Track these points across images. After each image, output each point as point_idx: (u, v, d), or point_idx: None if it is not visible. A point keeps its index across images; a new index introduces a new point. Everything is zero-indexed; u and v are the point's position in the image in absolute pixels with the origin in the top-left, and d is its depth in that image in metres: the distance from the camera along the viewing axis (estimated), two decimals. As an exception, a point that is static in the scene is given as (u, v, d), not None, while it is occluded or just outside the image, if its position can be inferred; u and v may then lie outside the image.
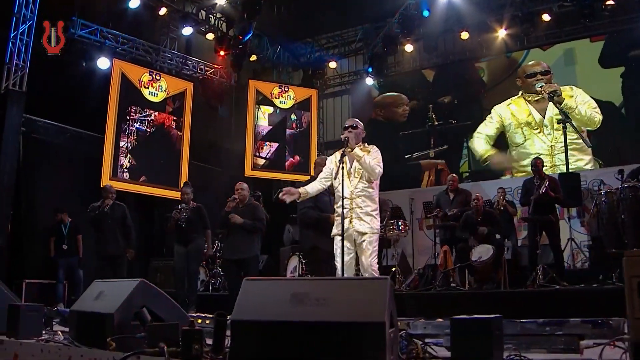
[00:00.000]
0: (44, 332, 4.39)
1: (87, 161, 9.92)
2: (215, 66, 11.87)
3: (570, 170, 11.01)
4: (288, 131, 13.12)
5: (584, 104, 11.72)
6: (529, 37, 11.94)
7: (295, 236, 10.18)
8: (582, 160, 11.44)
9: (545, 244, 8.03)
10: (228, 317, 3.27)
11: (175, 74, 11.27)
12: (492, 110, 12.66)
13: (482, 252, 7.62)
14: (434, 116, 13.48)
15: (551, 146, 12.04)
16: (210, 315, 4.98)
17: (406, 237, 9.42)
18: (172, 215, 7.91)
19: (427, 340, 3.35)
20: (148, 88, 10.57)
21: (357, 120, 5.45)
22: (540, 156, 12.23)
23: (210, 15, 11.63)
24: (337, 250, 5.27)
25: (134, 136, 10.43)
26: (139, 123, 10.49)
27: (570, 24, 11.56)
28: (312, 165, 9.12)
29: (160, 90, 10.71)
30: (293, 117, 13.18)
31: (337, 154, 5.51)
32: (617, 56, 11.51)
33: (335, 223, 5.37)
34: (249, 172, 12.40)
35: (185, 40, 11.66)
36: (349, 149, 5.15)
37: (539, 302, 6.41)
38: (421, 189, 12.34)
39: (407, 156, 13.53)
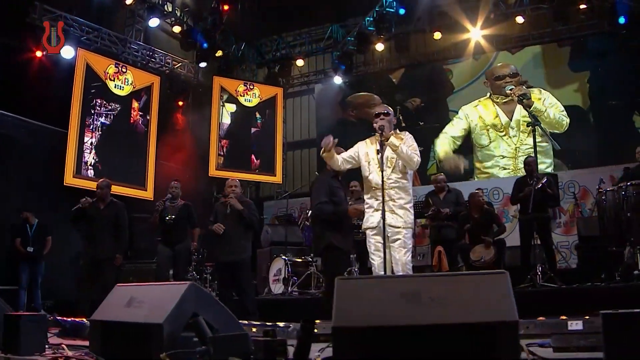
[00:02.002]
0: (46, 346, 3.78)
1: (49, 157, 9.08)
2: (184, 60, 11.21)
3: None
4: (253, 130, 12.61)
5: (552, 107, 11.84)
6: (500, 40, 11.94)
7: (274, 237, 9.74)
8: (544, 164, 11.51)
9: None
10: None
11: (141, 66, 10.55)
12: (460, 110, 12.64)
13: (483, 252, 7.41)
14: (401, 118, 13.32)
15: (515, 148, 12.10)
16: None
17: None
18: (155, 207, 7.27)
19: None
20: (114, 80, 9.82)
21: (388, 106, 5.10)
22: (504, 158, 12.52)
23: (177, 8, 10.98)
24: (372, 247, 4.93)
25: (98, 131, 9.64)
26: (104, 117, 9.74)
27: (541, 28, 11.65)
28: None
29: (126, 83, 9.98)
30: (258, 115, 12.68)
31: (368, 142, 5.15)
32: (584, 60, 11.70)
33: (365, 217, 5.03)
34: (213, 171, 11.84)
35: (151, 32, 10.96)
36: (385, 138, 4.77)
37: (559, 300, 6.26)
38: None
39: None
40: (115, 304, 3.47)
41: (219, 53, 11.75)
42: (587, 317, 3.12)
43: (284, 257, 8.71)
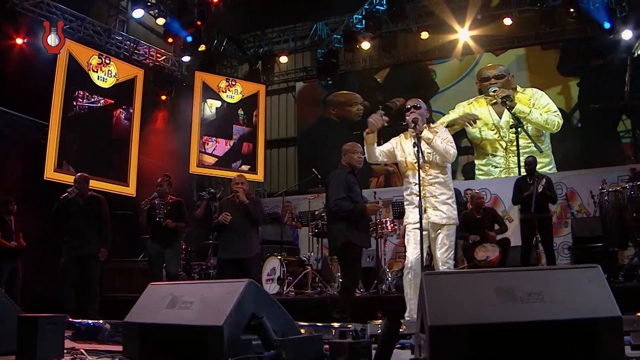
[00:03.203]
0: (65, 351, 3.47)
1: (28, 150, 8.58)
2: (168, 53, 10.83)
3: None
4: (235, 127, 12.29)
5: (543, 108, 11.91)
6: (487, 41, 11.97)
7: (265, 236, 9.47)
8: (541, 163, 11.55)
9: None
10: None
11: (125, 58, 10.10)
12: (456, 107, 12.58)
13: (488, 252, 7.35)
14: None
15: (505, 148, 12.15)
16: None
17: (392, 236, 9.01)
18: (141, 207, 6.98)
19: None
20: (97, 72, 9.35)
21: (419, 100, 4.95)
22: (496, 156, 12.54)
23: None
24: (410, 240, 4.82)
25: (80, 124, 9.15)
26: (86, 110, 9.24)
27: (527, 30, 11.71)
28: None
29: (109, 75, 9.52)
30: (240, 112, 12.37)
31: (403, 137, 5.01)
32: (575, 64, 11.80)
33: (406, 214, 4.95)
34: (194, 168, 11.48)
35: (131, 26, 10.53)
36: (419, 131, 4.61)
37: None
38: (384, 189, 11.92)
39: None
40: (154, 304, 3.18)
41: (202, 48, 11.38)
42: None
43: (279, 256, 8.46)
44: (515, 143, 11.82)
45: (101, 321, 4.15)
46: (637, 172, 7.58)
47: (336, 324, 3.72)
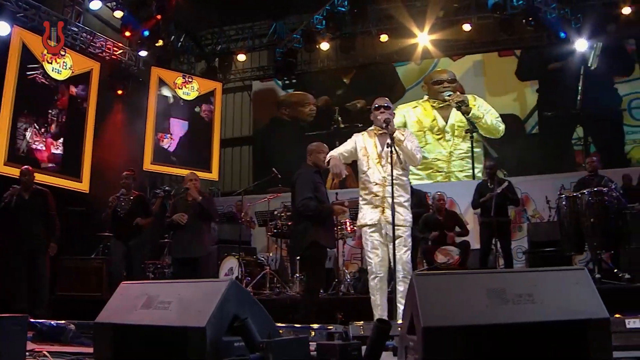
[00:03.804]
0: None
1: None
2: (125, 47, 10.51)
3: (466, 178, 11.55)
4: (191, 124, 12.07)
5: (487, 113, 12.17)
6: (445, 46, 12.14)
7: (222, 235, 9.35)
8: (477, 169, 11.79)
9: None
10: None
11: (81, 50, 9.73)
12: (396, 110, 12.58)
13: (448, 254, 7.42)
14: (339, 118, 13.26)
15: (450, 152, 12.34)
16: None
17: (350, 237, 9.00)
18: (109, 203, 6.74)
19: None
20: (52, 63, 8.98)
21: (388, 99, 4.93)
22: (439, 161, 12.72)
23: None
24: (369, 245, 4.78)
25: (33, 116, 8.77)
26: (39, 102, 8.85)
27: (485, 37, 11.95)
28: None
29: (64, 67, 9.16)
30: (196, 109, 12.16)
31: (365, 135, 4.94)
32: (533, 71, 12.11)
33: (361, 214, 4.87)
34: (147, 165, 11.20)
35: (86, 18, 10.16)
36: (391, 132, 4.58)
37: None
38: (345, 190, 11.90)
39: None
40: (128, 304, 3.03)
41: (160, 43, 11.11)
42: (645, 316, 3.08)
43: (237, 256, 8.32)
44: (458, 147, 12.09)
45: (64, 321, 3.95)
46: (584, 179, 7.70)
47: (315, 325, 3.66)
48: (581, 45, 10.66)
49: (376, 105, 4.88)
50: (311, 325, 3.74)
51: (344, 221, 8.13)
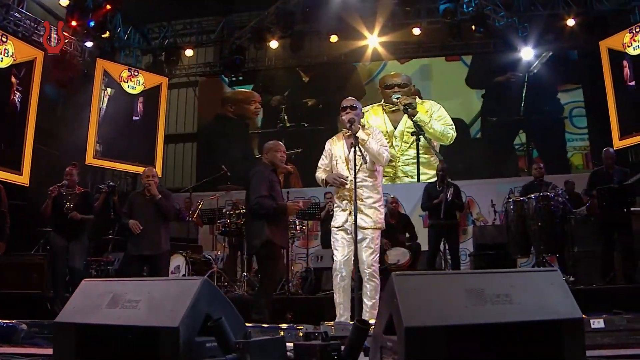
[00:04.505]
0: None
1: None
2: (71, 37, 10.08)
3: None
4: (135, 119, 11.74)
5: (439, 120, 12.36)
6: (394, 49, 12.27)
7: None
8: (427, 175, 12.02)
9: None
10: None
11: (23, 38, 9.25)
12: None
13: (398, 255, 7.49)
14: (286, 117, 13.21)
15: (396, 158, 12.48)
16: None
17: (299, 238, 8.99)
18: (48, 193, 6.48)
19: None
20: (-7, 51, 8.51)
21: (355, 99, 4.93)
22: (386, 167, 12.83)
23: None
24: (336, 243, 4.81)
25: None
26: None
27: (434, 41, 12.15)
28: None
29: (6, 54, 8.68)
30: (140, 104, 11.84)
31: (335, 139, 4.96)
32: (481, 78, 12.43)
33: (334, 217, 4.93)
34: (90, 159, 10.79)
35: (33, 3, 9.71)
36: (353, 132, 4.59)
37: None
38: (295, 189, 11.86)
39: (257, 156, 13.01)
40: (92, 303, 2.90)
41: (107, 34, 10.74)
42: (605, 316, 3.20)
43: (184, 253, 8.15)
44: (405, 153, 12.27)
45: (14, 321, 3.74)
46: (530, 184, 7.94)
47: (284, 325, 3.61)
48: (527, 53, 11.02)
49: (342, 106, 4.87)
50: (280, 325, 3.68)
51: (292, 221, 8.10)
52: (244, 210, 8.04)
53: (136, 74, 11.67)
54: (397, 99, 12.47)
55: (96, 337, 2.78)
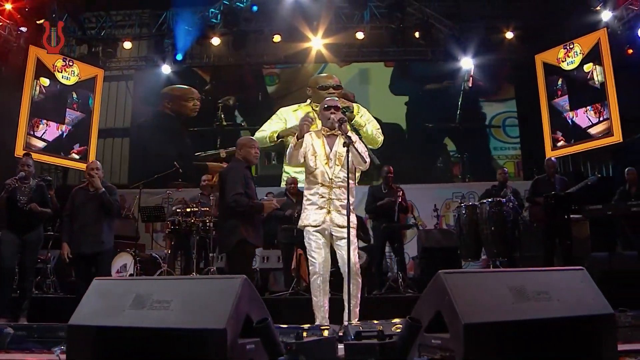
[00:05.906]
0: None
1: None
2: (6, 22, 9.42)
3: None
4: (68, 111, 11.17)
5: (369, 123, 12.55)
6: (337, 52, 12.37)
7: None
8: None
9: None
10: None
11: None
12: (278, 112, 12.40)
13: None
14: (222, 116, 13.00)
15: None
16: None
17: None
18: (6, 184, 5.98)
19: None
20: None
21: (337, 99, 4.93)
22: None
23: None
24: (312, 244, 4.74)
25: None
26: None
27: (375, 46, 12.36)
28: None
29: None
30: (74, 96, 11.29)
31: (314, 134, 4.89)
32: (403, 85, 12.69)
33: (305, 214, 4.83)
34: (20, 152, 10.12)
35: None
36: (345, 133, 4.59)
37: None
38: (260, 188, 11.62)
39: (197, 154, 12.72)
40: (111, 304, 2.73)
41: (42, 21, 10.11)
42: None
43: (131, 252, 7.83)
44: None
45: (-1, 323, 3.44)
46: (492, 189, 8.24)
47: (306, 325, 3.54)
48: (466, 63, 11.46)
49: (326, 106, 4.85)
50: (302, 326, 3.61)
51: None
52: (195, 209, 7.89)
53: (71, 64, 11.16)
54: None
55: (120, 340, 2.63)
